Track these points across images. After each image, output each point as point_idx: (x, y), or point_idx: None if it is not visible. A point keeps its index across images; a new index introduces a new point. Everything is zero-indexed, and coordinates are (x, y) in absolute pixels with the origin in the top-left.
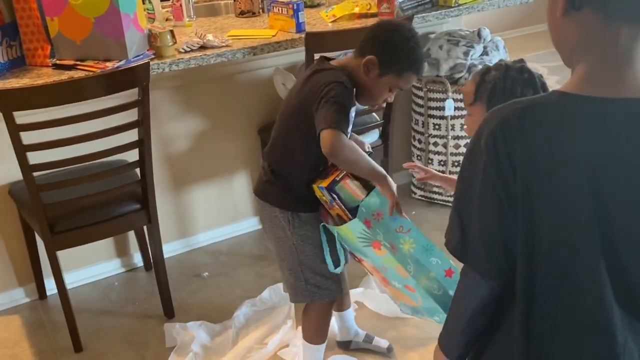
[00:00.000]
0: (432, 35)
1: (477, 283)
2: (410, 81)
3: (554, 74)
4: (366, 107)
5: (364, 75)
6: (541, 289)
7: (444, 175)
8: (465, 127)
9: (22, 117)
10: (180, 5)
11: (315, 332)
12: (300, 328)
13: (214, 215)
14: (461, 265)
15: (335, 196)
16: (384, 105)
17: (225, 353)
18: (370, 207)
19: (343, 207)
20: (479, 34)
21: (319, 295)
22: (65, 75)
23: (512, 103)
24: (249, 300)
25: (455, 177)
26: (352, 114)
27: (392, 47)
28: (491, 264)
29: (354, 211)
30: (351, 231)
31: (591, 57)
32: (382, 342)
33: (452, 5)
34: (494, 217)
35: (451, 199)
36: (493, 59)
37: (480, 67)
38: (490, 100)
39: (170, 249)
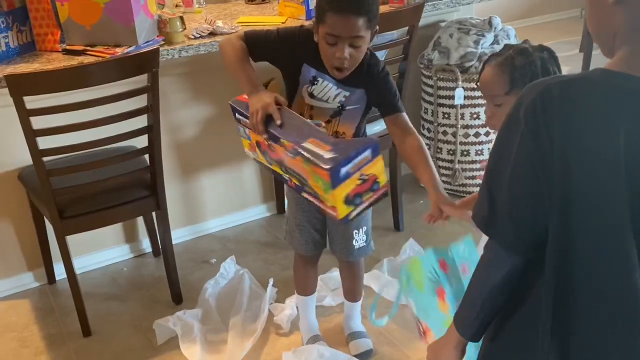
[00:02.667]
0: (443, 24)
1: (501, 258)
2: (336, 23)
3: (565, 64)
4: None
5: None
6: (572, 266)
7: (460, 201)
8: (489, 120)
9: (32, 102)
10: None
11: (295, 280)
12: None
13: (222, 202)
14: None
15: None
16: (342, 66)
17: (223, 332)
18: (459, 254)
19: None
20: (489, 23)
21: (288, 239)
22: (75, 61)
23: (554, 76)
24: (209, 282)
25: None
26: (310, 72)
27: None
28: (518, 237)
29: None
30: (421, 265)
31: (638, 38)
32: (360, 345)
33: None
34: (526, 189)
35: (459, 189)
36: None
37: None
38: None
39: (178, 235)
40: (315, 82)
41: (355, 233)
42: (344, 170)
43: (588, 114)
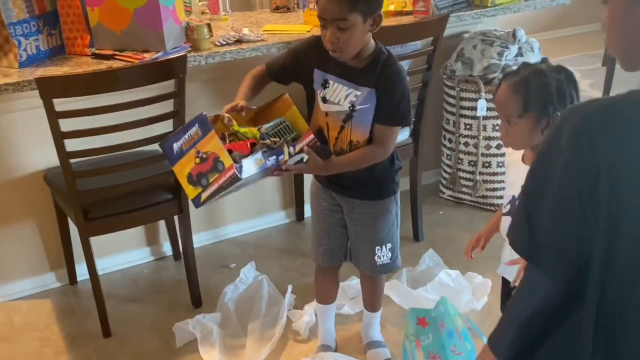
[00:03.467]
0: (467, 35)
1: (542, 283)
2: (321, 5)
3: (587, 78)
4: None
5: None
6: (615, 293)
7: (490, 225)
8: (504, 137)
9: (60, 104)
10: None
11: (315, 288)
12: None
13: (243, 207)
14: None
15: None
16: (332, 50)
17: (242, 336)
18: (439, 312)
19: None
20: (513, 35)
21: (311, 249)
22: (103, 65)
23: (592, 100)
24: (229, 286)
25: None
26: (321, 76)
27: None
28: (561, 264)
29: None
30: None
31: None
32: (378, 355)
33: (488, 5)
34: (570, 216)
35: (479, 200)
36: (528, 60)
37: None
38: (546, 107)
39: (198, 240)
40: (327, 85)
41: (378, 249)
42: (175, 145)
43: (635, 137)
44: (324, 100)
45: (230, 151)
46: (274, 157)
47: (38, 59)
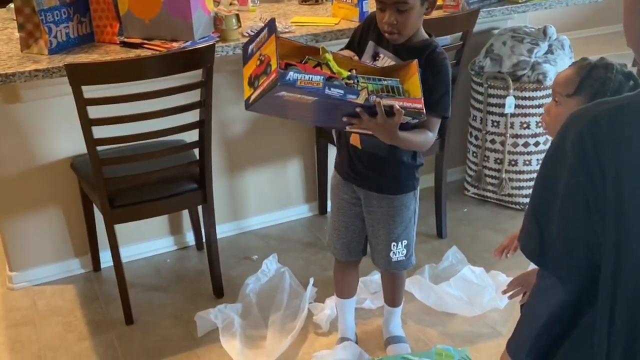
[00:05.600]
0: (496, 31)
1: (555, 288)
2: None
3: None
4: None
5: None
6: (627, 295)
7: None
8: (544, 116)
9: (88, 92)
10: None
11: (334, 282)
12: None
13: (266, 200)
14: None
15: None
16: (389, 32)
17: (262, 328)
18: None
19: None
20: (544, 32)
21: (327, 242)
22: (132, 54)
23: (599, 102)
24: (250, 278)
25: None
26: (373, 49)
27: None
28: (572, 268)
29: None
30: None
31: None
32: (398, 350)
33: (519, 2)
34: (579, 221)
35: (504, 198)
36: (557, 58)
37: (545, 65)
38: (594, 98)
39: (221, 231)
40: (377, 58)
41: (394, 245)
42: (250, 47)
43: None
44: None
45: (289, 64)
46: (341, 91)
47: (68, 46)
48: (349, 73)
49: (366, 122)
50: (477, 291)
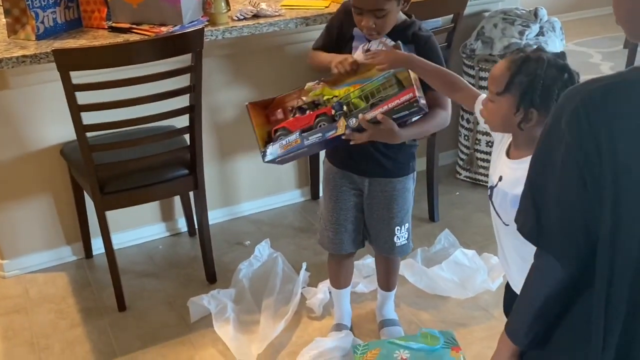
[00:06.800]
0: (487, 13)
1: (554, 267)
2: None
3: (608, 60)
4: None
5: None
6: (622, 274)
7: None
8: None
9: (77, 77)
10: None
11: (329, 274)
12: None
13: (258, 185)
14: None
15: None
16: (370, 34)
17: (256, 313)
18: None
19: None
20: (535, 14)
21: (319, 239)
22: (120, 38)
23: (591, 81)
24: (243, 263)
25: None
26: (357, 32)
27: None
28: (570, 247)
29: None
30: None
31: None
32: (392, 333)
33: None
34: (576, 199)
35: None
36: (549, 40)
37: (527, 48)
38: (523, 97)
39: (213, 217)
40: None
41: (398, 230)
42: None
43: (634, 116)
44: (368, 52)
45: (283, 128)
46: (319, 134)
47: (55, 31)
48: (341, 93)
49: (361, 138)
50: (469, 274)
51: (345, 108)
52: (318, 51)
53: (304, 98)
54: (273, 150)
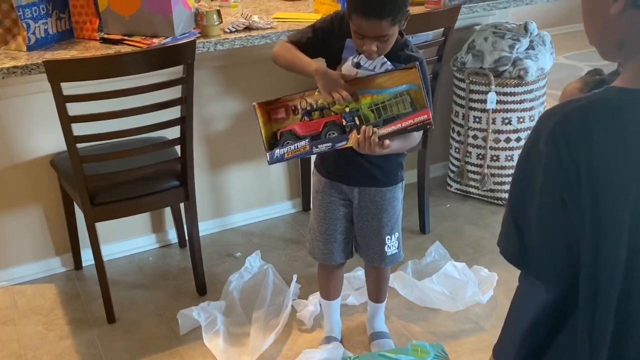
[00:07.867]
0: (478, 27)
1: (539, 289)
2: (361, 25)
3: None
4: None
5: None
6: (605, 295)
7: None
8: None
9: (68, 89)
10: None
11: (319, 285)
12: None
13: (249, 197)
14: None
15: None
16: (371, 57)
17: (246, 325)
18: None
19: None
20: (525, 28)
21: (309, 249)
22: (112, 50)
23: (569, 102)
24: (234, 275)
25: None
26: (349, 42)
27: None
28: (554, 269)
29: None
30: None
31: None
32: (382, 346)
33: None
34: (557, 221)
35: (487, 193)
36: (539, 54)
37: (526, 61)
38: None
39: (204, 228)
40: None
41: (388, 239)
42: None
43: (611, 137)
44: (357, 66)
45: (290, 131)
46: (329, 144)
47: (46, 42)
48: (352, 105)
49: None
50: (459, 286)
51: (356, 120)
52: (294, 47)
53: (308, 100)
54: (280, 154)
